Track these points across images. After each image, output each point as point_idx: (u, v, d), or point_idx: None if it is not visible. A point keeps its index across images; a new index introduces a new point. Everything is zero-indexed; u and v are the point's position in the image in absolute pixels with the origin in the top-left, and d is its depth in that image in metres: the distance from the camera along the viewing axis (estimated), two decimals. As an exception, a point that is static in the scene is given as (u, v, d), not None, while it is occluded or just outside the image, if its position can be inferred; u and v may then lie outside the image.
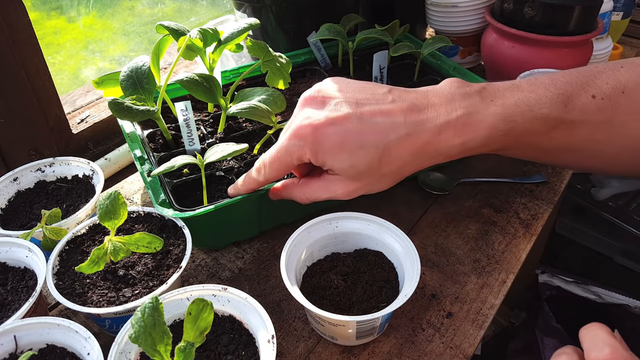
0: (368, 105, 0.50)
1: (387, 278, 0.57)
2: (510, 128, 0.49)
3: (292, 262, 0.56)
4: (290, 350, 0.57)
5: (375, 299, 0.55)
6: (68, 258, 0.57)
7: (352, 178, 0.51)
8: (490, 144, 0.50)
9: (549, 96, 0.49)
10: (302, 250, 0.58)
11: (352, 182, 0.52)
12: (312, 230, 0.58)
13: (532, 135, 0.50)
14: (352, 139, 0.48)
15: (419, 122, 0.49)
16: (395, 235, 0.57)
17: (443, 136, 0.49)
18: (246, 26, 0.77)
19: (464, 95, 0.50)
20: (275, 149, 0.53)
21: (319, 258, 0.60)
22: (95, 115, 0.94)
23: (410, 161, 0.50)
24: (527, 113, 0.48)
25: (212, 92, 0.71)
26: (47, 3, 1.15)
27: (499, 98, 0.49)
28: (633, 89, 0.48)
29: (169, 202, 0.62)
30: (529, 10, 0.87)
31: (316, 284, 0.57)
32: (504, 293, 0.63)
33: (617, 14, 1.14)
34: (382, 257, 0.59)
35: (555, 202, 0.78)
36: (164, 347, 0.41)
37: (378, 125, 0.48)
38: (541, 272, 1.20)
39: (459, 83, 0.52)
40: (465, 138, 0.49)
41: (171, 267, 0.56)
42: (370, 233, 0.59)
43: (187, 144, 0.71)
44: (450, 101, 0.49)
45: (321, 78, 0.91)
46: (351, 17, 0.93)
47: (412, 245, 0.55)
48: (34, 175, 0.72)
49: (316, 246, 0.59)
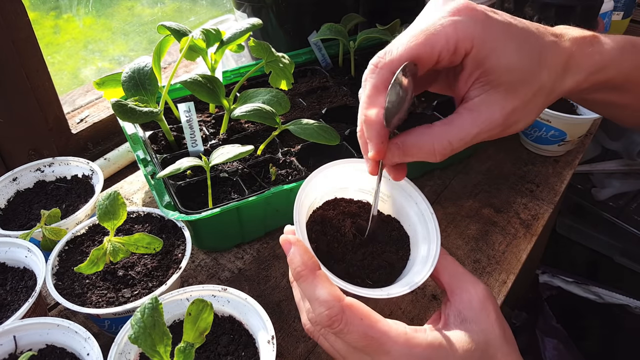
0: None
1: (396, 256, 0.52)
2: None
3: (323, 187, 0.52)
4: (290, 350, 0.57)
5: (379, 272, 0.50)
6: (67, 258, 0.57)
7: (512, 87, 0.42)
8: (621, 65, 0.47)
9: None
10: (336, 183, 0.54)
11: (509, 97, 0.42)
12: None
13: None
14: (518, 32, 0.42)
15: (562, 34, 0.45)
16: (426, 216, 0.52)
17: (584, 48, 0.45)
18: (249, 26, 0.77)
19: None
20: (418, 28, 0.41)
21: (350, 197, 0.56)
22: (94, 115, 0.94)
23: (561, 73, 0.44)
24: None
25: (215, 93, 0.71)
26: (47, 3, 1.15)
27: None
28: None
29: (174, 204, 0.62)
30: (529, 10, 0.87)
31: (328, 218, 0.53)
32: (505, 293, 0.63)
33: (618, 14, 1.14)
34: (400, 229, 0.54)
35: (555, 202, 0.78)
36: (164, 347, 0.41)
37: (531, 27, 0.44)
38: (541, 273, 1.20)
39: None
40: (601, 49, 0.46)
41: (171, 268, 0.56)
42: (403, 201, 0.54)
43: (190, 146, 0.71)
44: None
45: (322, 78, 0.91)
46: (352, 17, 0.93)
47: (438, 234, 0.50)
48: (33, 175, 0.71)
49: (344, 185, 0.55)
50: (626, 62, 0.47)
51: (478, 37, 0.40)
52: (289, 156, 0.73)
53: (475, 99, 0.42)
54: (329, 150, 0.72)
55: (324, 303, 0.41)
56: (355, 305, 0.41)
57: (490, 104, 0.42)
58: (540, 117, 0.83)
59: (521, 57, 0.41)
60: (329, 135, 0.68)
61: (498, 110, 0.42)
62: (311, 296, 0.42)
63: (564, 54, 0.44)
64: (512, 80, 0.42)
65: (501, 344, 0.43)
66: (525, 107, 0.43)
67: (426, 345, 0.41)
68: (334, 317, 0.40)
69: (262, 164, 0.72)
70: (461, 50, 0.40)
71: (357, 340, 0.41)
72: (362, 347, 0.41)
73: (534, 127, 0.85)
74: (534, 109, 0.44)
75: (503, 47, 0.41)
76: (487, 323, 0.43)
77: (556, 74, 0.44)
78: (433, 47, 0.40)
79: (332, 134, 0.69)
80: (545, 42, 0.43)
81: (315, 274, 0.42)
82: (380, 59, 0.42)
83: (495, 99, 0.42)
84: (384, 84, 0.41)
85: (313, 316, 0.43)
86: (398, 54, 0.40)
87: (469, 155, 0.87)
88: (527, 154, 0.88)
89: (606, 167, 1.30)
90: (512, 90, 0.42)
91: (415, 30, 0.40)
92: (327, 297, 0.41)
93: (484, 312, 0.44)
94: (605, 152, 1.34)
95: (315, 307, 0.41)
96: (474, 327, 0.43)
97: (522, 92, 0.42)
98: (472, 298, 0.44)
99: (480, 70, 0.41)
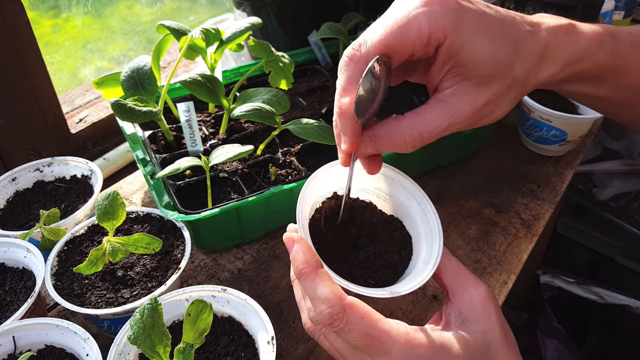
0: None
1: (399, 255, 0.52)
2: (616, 45, 0.45)
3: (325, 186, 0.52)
4: (290, 351, 0.57)
5: (381, 272, 0.50)
6: (67, 258, 0.57)
7: (484, 80, 0.41)
8: (597, 56, 0.45)
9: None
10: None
11: (481, 90, 0.41)
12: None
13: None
14: (492, 22, 0.41)
15: (538, 24, 0.44)
16: (428, 216, 0.52)
17: (560, 37, 0.44)
18: (248, 25, 0.77)
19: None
20: (391, 19, 0.39)
21: (357, 196, 0.56)
22: (93, 114, 0.94)
23: (536, 64, 0.43)
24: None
25: (215, 92, 0.71)
26: (46, 2, 1.15)
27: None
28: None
29: (174, 204, 0.61)
30: (530, 10, 0.86)
31: (331, 217, 0.52)
32: (505, 294, 0.63)
33: (619, 13, 1.13)
34: (403, 229, 0.54)
35: (556, 203, 0.77)
36: (163, 348, 0.41)
37: (507, 17, 0.42)
38: (542, 273, 1.20)
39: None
40: (577, 38, 0.45)
41: (170, 268, 0.56)
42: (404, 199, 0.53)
43: (190, 145, 0.71)
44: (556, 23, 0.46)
45: (322, 77, 0.91)
46: (352, 16, 0.92)
47: (441, 235, 0.49)
48: (32, 175, 0.71)
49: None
50: (602, 52, 0.45)
51: (451, 27, 0.39)
52: (288, 156, 0.73)
53: (447, 90, 0.42)
54: (329, 150, 0.71)
55: (326, 301, 0.40)
56: (357, 304, 0.41)
57: (461, 95, 0.41)
58: (541, 117, 0.82)
59: (495, 49, 0.40)
60: (329, 135, 0.68)
61: (469, 102, 0.41)
62: (313, 294, 0.41)
63: (540, 43, 0.43)
64: (485, 72, 0.41)
65: (502, 344, 0.43)
66: (498, 100, 0.42)
67: (427, 345, 0.41)
68: (335, 315, 0.40)
69: (262, 163, 0.72)
70: (434, 41, 0.39)
71: (358, 339, 0.40)
72: (363, 347, 0.41)
73: (535, 127, 0.85)
74: (508, 101, 0.44)
75: (476, 39, 0.40)
76: (488, 324, 0.43)
77: (530, 65, 0.43)
78: (405, 39, 0.39)
79: (332, 134, 0.68)
80: (520, 32, 0.42)
81: (318, 272, 0.42)
82: (355, 51, 0.41)
83: (466, 91, 0.41)
84: (358, 77, 0.40)
85: (314, 315, 0.42)
86: (372, 46, 0.40)
87: (469, 155, 0.87)
88: (528, 154, 0.88)
89: (607, 167, 1.30)
90: (484, 83, 0.41)
91: (388, 21, 0.39)
92: (329, 295, 0.40)
93: (485, 312, 0.43)
94: (606, 152, 1.34)
95: (317, 304, 0.41)
96: (475, 327, 0.43)
97: (495, 85, 0.42)
98: (473, 298, 0.44)
99: (452, 60, 0.40)
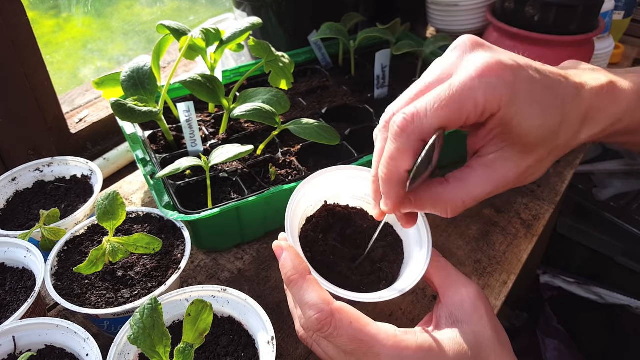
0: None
1: (394, 256, 0.53)
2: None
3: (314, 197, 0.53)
4: (290, 351, 0.57)
5: (373, 277, 0.51)
6: (67, 259, 0.57)
7: (529, 148, 0.41)
8: (636, 113, 0.46)
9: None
10: (329, 190, 0.55)
11: (525, 157, 0.42)
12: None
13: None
14: (542, 90, 0.41)
15: (582, 85, 0.44)
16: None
17: (601, 99, 0.45)
18: (248, 25, 0.77)
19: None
20: (447, 90, 0.39)
21: (345, 202, 0.57)
22: (93, 114, 0.94)
23: (578, 129, 0.44)
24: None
25: (215, 92, 0.71)
26: (46, 2, 1.15)
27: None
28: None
29: (174, 204, 0.61)
30: (530, 10, 0.86)
31: (322, 225, 0.53)
32: (505, 294, 0.63)
33: (619, 13, 1.13)
34: (393, 234, 0.55)
35: (556, 203, 0.77)
36: (163, 348, 0.41)
37: (555, 82, 0.42)
38: (542, 273, 1.20)
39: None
40: (618, 98, 0.46)
41: (170, 268, 0.56)
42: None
43: (190, 145, 0.71)
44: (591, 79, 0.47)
45: (322, 77, 0.91)
46: (352, 16, 0.92)
47: (429, 233, 0.50)
48: (32, 175, 0.71)
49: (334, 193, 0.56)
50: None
51: (505, 100, 0.39)
52: (288, 156, 0.73)
53: (491, 155, 0.42)
54: (329, 150, 0.72)
55: (313, 306, 0.41)
56: (344, 309, 0.41)
57: (505, 162, 0.42)
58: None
59: (545, 120, 0.41)
60: (329, 135, 0.68)
61: (513, 169, 0.42)
62: (301, 300, 0.42)
63: (583, 107, 0.43)
64: (531, 141, 0.41)
65: (494, 344, 0.43)
66: (539, 164, 0.43)
67: (416, 347, 0.41)
68: (323, 320, 0.40)
69: (262, 164, 0.72)
70: (488, 112, 0.40)
71: (347, 343, 0.41)
72: (352, 351, 0.41)
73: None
74: (547, 164, 0.44)
75: (528, 109, 0.40)
76: (479, 324, 0.43)
77: (573, 131, 0.43)
78: (461, 112, 0.39)
79: (332, 134, 0.68)
80: (567, 96, 0.42)
81: (306, 278, 0.43)
82: (408, 123, 0.39)
83: (510, 157, 0.42)
84: (411, 149, 0.40)
85: (304, 321, 0.43)
86: (428, 124, 0.39)
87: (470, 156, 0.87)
88: (528, 154, 0.88)
89: (607, 167, 1.30)
90: (529, 150, 0.42)
91: (442, 93, 0.39)
92: (317, 300, 0.41)
93: (476, 313, 0.43)
94: (606, 152, 1.34)
95: (305, 310, 0.41)
96: (466, 328, 0.43)
97: (538, 152, 0.42)
98: (463, 299, 0.44)
99: (501, 128, 0.41)
